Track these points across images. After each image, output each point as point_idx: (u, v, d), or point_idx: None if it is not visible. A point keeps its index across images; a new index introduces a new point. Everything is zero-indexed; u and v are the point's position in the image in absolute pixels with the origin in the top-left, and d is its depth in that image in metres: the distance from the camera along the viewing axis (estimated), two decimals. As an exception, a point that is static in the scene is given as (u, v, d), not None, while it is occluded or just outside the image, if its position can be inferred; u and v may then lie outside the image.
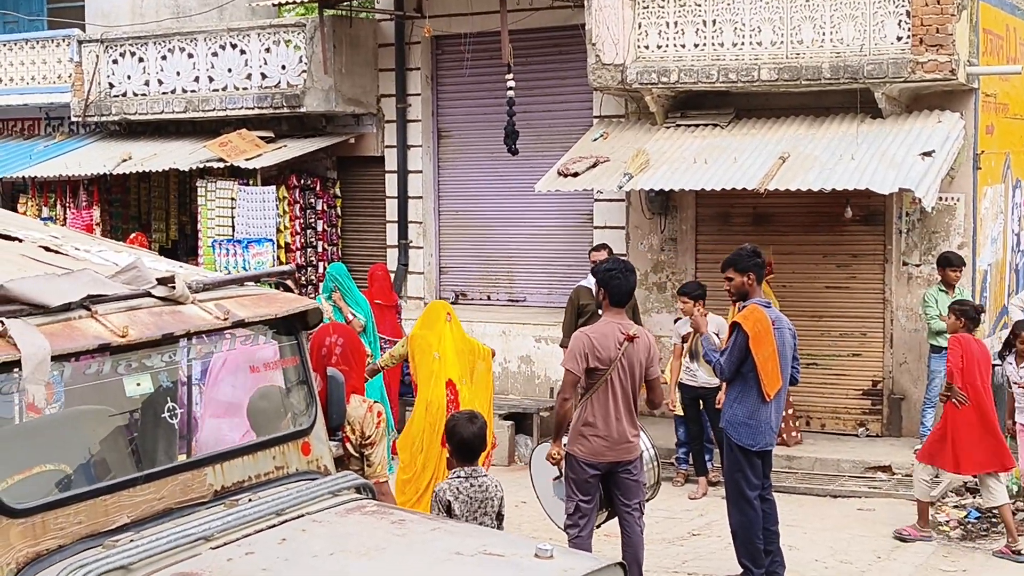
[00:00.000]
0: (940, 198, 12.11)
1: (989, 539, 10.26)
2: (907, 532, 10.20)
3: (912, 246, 12.76)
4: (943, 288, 11.93)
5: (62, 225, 14.66)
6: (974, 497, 11.35)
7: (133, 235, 15.77)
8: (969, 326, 10.28)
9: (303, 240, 15.72)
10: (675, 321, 12.31)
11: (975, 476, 10.25)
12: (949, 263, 11.95)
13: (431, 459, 9.34)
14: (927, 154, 11.68)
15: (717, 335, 10.24)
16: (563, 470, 8.29)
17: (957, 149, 12.22)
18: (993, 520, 10.72)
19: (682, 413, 11.76)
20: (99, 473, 5.32)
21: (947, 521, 10.65)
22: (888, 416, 12.90)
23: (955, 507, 11.07)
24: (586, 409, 8.05)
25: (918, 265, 12.69)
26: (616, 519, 8.45)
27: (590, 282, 11.58)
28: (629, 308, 9.00)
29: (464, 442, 6.86)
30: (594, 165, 12.97)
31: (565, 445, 8.21)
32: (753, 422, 8.69)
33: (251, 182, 15.25)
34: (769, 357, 8.57)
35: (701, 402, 11.64)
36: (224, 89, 15.95)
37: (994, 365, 12.02)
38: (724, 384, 9.31)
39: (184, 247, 16.78)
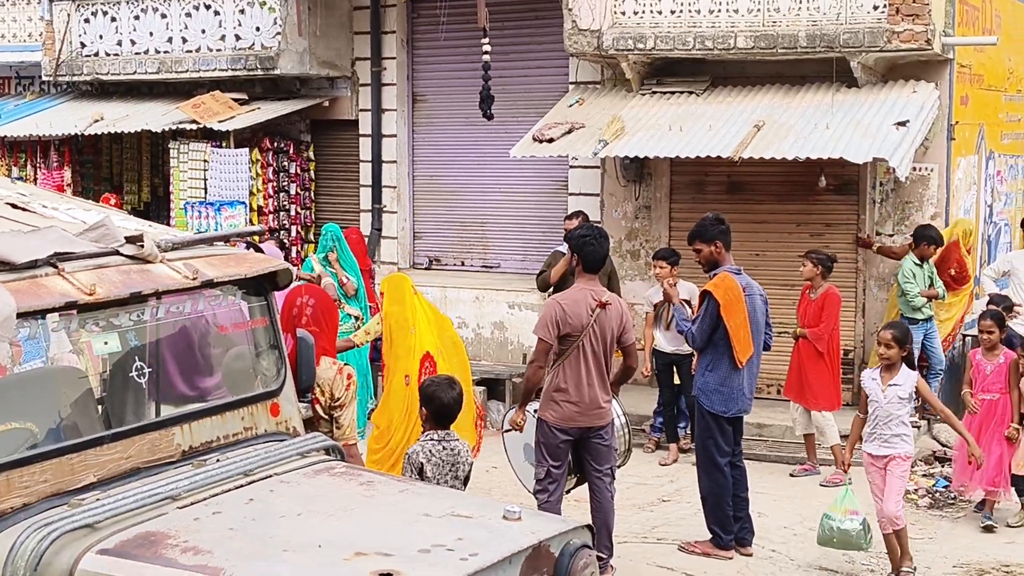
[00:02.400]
0: (914, 168, 12.13)
1: (956, 507, 10.35)
2: (800, 470, 11.13)
3: (885, 216, 12.78)
4: (916, 261, 11.92)
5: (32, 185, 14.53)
6: (943, 466, 11.44)
7: (105, 195, 15.63)
8: (825, 274, 11.17)
9: (276, 203, 15.63)
10: (649, 290, 12.32)
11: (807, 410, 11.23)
12: (934, 241, 11.94)
13: (407, 434, 9.27)
14: (902, 124, 11.68)
15: (688, 303, 10.25)
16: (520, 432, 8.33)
17: (932, 119, 12.22)
18: (961, 489, 10.79)
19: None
20: (66, 432, 5.30)
21: (915, 489, 10.73)
22: (858, 385, 12.91)
23: (924, 476, 11.15)
24: (558, 375, 8.06)
25: (891, 235, 12.70)
26: (585, 485, 8.48)
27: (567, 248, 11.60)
28: (604, 275, 9.00)
29: (443, 407, 6.87)
30: (569, 131, 12.93)
31: (536, 411, 8.23)
32: (725, 389, 8.72)
33: (224, 144, 15.15)
34: (741, 324, 8.60)
35: (675, 368, 11.65)
36: (197, 50, 15.80)
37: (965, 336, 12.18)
38: (696, 352, 9.31)
39: (156, 209, 16.67)
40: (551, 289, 11.90)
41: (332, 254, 12.11)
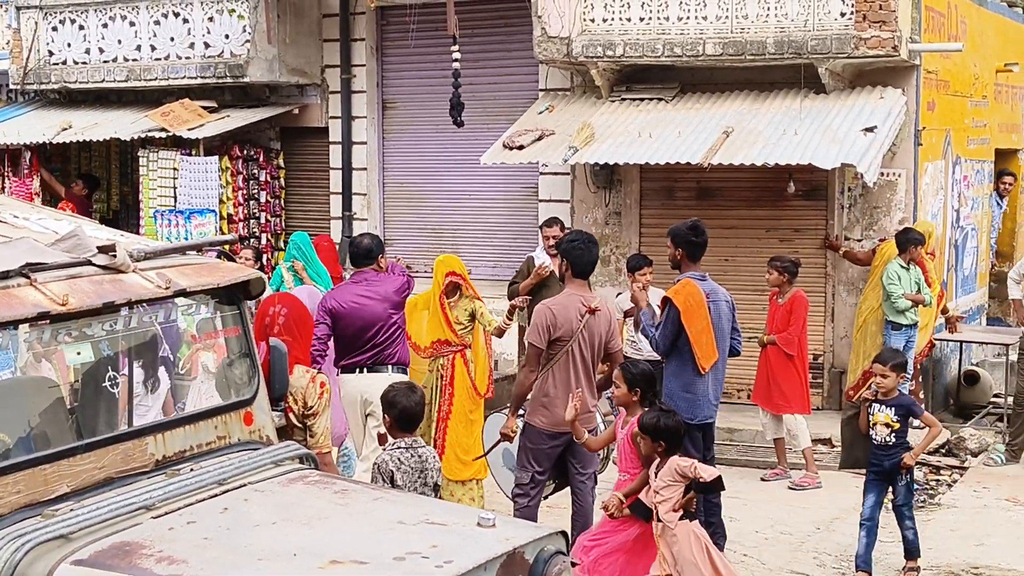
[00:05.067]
0: (882, 173, 12.21)
1: (926, 510, 10.42)
2: (771, 474, 11.23)
3: (854, 221, 12.86)
4: (903, 265, 11.99)
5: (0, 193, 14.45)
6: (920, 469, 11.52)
7: (62, 203, 15.51)
8: (791, 280, 11.15)
9: (246, 211, 15.61)
10: (616, 296, 12.34)
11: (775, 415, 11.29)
12: (919, 241, 12.04)
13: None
14: (869, 130, 11.77)
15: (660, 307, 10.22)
16: (514, 441, 8.34)
17: (899, 125, 12.32)
18: (930, 492, 10.90)
19: None
20: (39, 442, 5.28)
21: (885, 493, 10.79)
22: (828, 389, 13.03)
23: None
24: (547, 380, 8.07)
25: (859, 240, 12.79)
26: (560, 493, 8.50)
27: (540, 255, 11.61)
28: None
29: (406, 410, 6.82)
30: (539, 138, 12.97)
31: (522, 417, 8.21)
32: (690, 395, 8.70)
33: (193, 152, 15.11)
34: (703, 330, 8.57)
35: None
36: (166, 58, 15.77)
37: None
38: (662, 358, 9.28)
39: (126, 217, 16.61)
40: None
41: (296, 263, 11.97)
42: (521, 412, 8.27)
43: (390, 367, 9.09)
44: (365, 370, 9.09)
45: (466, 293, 9.77)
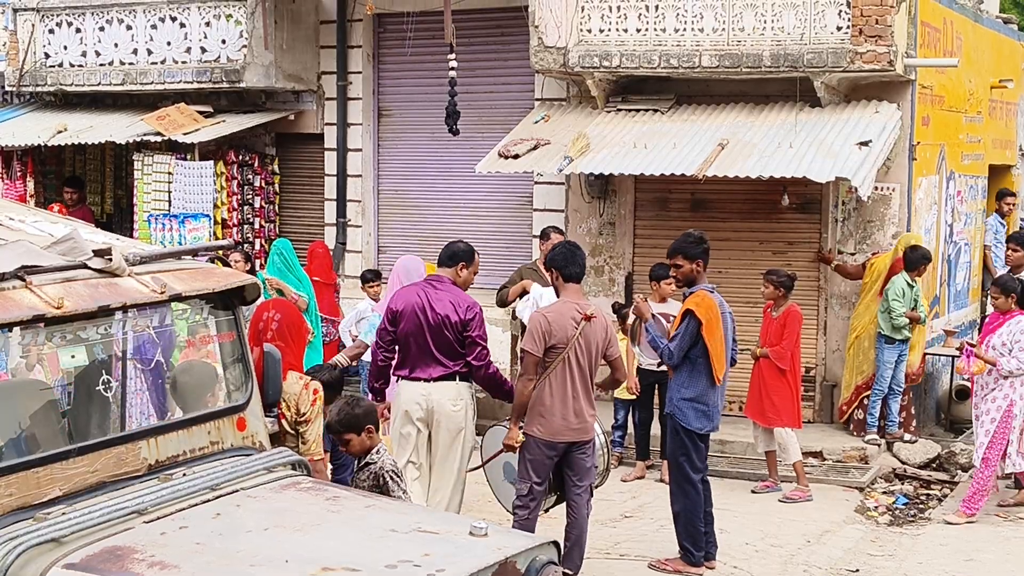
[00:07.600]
0: (876, 188, 12.24)
1: (916, 524, 10.43)
2: (761, 487, 11.19)
3: (847, 235, 12.88)
4: (910, 282, 12.03)
5: (-5, 196, 14.44)
6: (902, 484, 11.54)
7: (51, 204, 15.45)
8: (788, 294, 11.13)
9: (240, 216, 15.60)
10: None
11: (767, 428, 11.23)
12: (929, 260, 12.11)
13: None
14: (864, 144, 11.80)
15: (666, 318, 10.15)
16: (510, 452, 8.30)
17: (893, 140, 12.34)
18: (921, 507, 10.91)
19: (632, 396, 11.63)
20: (31, 445, 5.28)
21: (876, 507, 10.82)
22: (820, 403, 13.04)
23: (884, 493, 11.24)
24: (543, 389, 8.02)
25: (853, 254, 12.81)
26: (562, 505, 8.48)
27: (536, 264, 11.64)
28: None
29: (376, 419, 6.69)
30: (535, 148, 12.97)
31: (522, 427, 8.15)
32: (703, 406, 8.75)
33: (188, 157, 15.10)
34: (719, 341, 8.66)
35: (657, 387, 11.52)
36: (163, 62, 15.77)
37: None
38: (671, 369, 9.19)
39: (120, 221, 16.59)
40: (512, 307, 11.96)
41: (271, 280, 11.70)
42: (521, 423, 8.21)
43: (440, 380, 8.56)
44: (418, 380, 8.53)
45: None
